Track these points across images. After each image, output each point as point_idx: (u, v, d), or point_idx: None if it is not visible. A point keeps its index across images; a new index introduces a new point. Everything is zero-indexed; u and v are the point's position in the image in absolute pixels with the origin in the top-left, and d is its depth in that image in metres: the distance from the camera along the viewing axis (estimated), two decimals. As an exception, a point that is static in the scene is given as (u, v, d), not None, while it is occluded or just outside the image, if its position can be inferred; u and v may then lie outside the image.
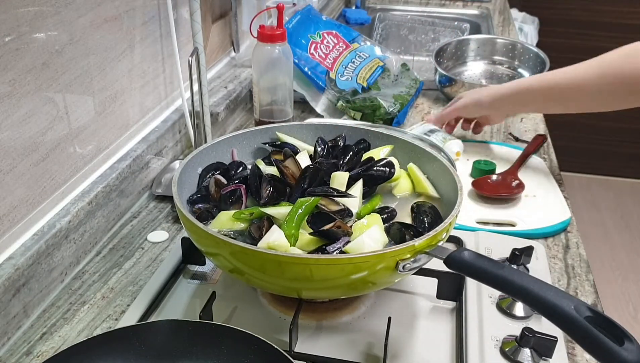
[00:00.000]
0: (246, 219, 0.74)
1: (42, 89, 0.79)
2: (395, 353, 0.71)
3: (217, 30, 1.36)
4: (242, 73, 1.40)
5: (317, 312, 0.76)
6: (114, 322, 0.77)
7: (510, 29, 1.99)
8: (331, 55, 1.34)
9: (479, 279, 0.62)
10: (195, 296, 0.80)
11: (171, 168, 1.09)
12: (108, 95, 0.95)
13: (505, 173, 1.09)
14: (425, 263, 0.67)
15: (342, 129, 0.92)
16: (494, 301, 0.78)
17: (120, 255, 0.90)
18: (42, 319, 0.78)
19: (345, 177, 0.80)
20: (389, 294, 0.80)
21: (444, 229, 0.68)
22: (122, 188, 0.96)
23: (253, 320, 0.76)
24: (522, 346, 0.69)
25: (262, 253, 0.64)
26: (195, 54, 1.02)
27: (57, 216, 0.83)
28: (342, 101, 1.27)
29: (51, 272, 0.80)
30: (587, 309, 0.55)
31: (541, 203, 1.03)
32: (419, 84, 1.37)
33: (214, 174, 0.83)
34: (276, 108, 1.17)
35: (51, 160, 0.83)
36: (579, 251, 0.92)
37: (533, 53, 1.51)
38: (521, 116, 1.36)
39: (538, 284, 0.57)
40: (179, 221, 0.97)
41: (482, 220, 0.98)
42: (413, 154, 0.87)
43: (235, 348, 0.63)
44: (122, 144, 1.00)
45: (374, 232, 0.71)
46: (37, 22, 0.77)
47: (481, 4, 2.11)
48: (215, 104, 1.23)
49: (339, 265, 0.63)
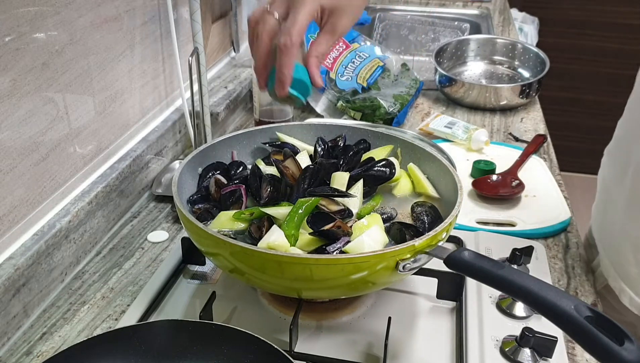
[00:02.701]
0: (246, 219, 0.74)
1: (42, 89, 0.79)
2: (395, 353, 0.71)
3: (217, 30, 1.36)
4: (242, 73, 1.40)
5: (317, 312, 0.76)
6: (114, 322, 0.77)
7: (510, 29, 1.99)
8: (331, 55, 1.34)
9: (479, 279, 0.62)
10: (195, 296, 0.80)
11: (171, 168, 1.09)
12: (108, 95, 0.95)
13: (505, 173, 1.09)
14: (425, 263, 0.67)
15: (342, 129, 0.92)
16: (494, 301, 0.77)
17: (120, 255, 0.90)
18: (42, 319, 0.78)
19: (345, 177, 0.80)
20: (389, 294, 0.80)
21: (444, 229, 0.68)
22: (122, 188, 0.96)
23: (253, 320, 0.76)
24: (522, 346, 0.69)
25: (262, 253, 0.64)
26: (195, 54, 1.01)
27: (57, 216, 0.83)
28: (342, 101, 1.27)
29: (51, 272, 0.80)
30: (587, 309, 0.55)
31: (541, 203, 1.03)
32: (419, 84, 1.37)
33: (214, 174, 0.83)
34: (276, 108, 1.17)
35: (51, 160, 0.83)
36: (579, 251, 0.92)
37: (533, 53, 1.51)
38: (521, 116, 1.36)
39: (538, 284, 0.57)
40: (179, 221, 0.97)
41: (482, 220, 0.98)
42: (413, 154, 0.87)
43: (235, 348, 0.63)
44: (122, 144, 1.00)
45: (374, 232, 0.70)
46: (37, 22, 0.77)
47: (481, 4, 2.11)
48: (215, 104, 1.23)
49: (339, 265, 0.63)
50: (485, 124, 1.33)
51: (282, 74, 0.69)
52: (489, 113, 1.38)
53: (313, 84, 0.73)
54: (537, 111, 1.40)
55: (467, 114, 1.37)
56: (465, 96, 1.38)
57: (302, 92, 0.72)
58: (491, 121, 1.34)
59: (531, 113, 1.38)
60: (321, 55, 0.73)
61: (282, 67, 0.69)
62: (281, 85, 0.70)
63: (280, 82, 0.70)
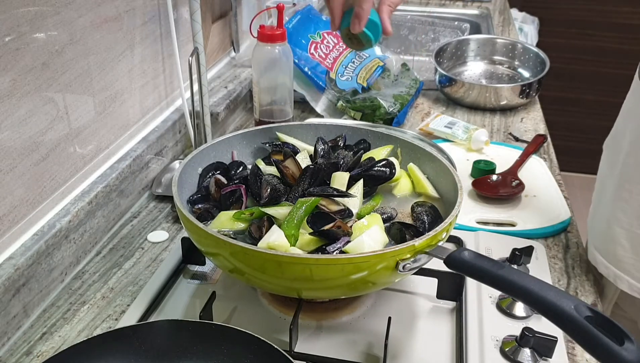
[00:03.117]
0: (246, 219, 0.74)
1: (42, 89, 0.79)
2: (395, 353, 0.71)
3: (217, 30, 1.36)
4: (242, 73, 1.40)
5: (317, 312, 0.76)
6: (114, 322, 0.77)
7: (510, 29, 1.99)
8: (331, 55, 1.34)
9: (479, 279, 0.62)
10: (195, 296, 0.80)
11: (171, 168, 1.09)
12: (108, 95, 0.95)
13: (505, 173, 1.09)
14: (425, 263, 0.67)
15: (342, 129, 0.92)
16: (494, 301, 0.78)
17: (120, 255, 0.90)
18: (42, 319, 0.78)
19: (345, 177, 0.80)
20: (389, 294, 0.80)
21: (444, 229, 0.68)
22: (122, 188, 0.96)
23: (253, 320, 0.76)
24: (522, 346, 0.69)
25: (262, 253, 0.64)
26: (195, 54, 1.01)
27: (57, 216, 0.83)
28: (342, 101, 1.27)
29: (51, 272, 0.80)
30: (587, 309, 0.55)
31: (541, 203, 1.03)
32: (419, 84, 1.37)
33: (214, 174, 0.83)
34: (276, 108, 1.17)
35: (51, 160, 0.83)
36: (579, 251, 0.92)
37: (533, 53, 1.51)
38: (521, 116, 1.36)
39: (538, 284, 0.57)
40: (179, 221, 0.97)
41: (482, 220, 0.98)
42: (413, 154, 0.87)
43: (235, 348, 0.63)
44: (122, 144, 1.00)
45: (374, 232, 0.71)
46: (37, 22, 0.77)
47: (481, 4, 2.11)
48: (215, 104, 1.23)
49: (339, 265, 0.63)
50: (485, 124, 1.33)
51: (362, 9, 0.73)
52: (489, 113, 1.38)
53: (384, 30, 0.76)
54: (537, 111, 1.40)
55: (467, 114, 1.37)
56: (465, 96, 1.38)
57: (375, 35, 0.76)
58: (491, 121, 1.34)
59: (531, 113, 1.38)
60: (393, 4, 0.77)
61: (362, 2, 0.72)
62: (359, 20, 0.73)
63: (359, 17, 0.73)
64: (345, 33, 0.79)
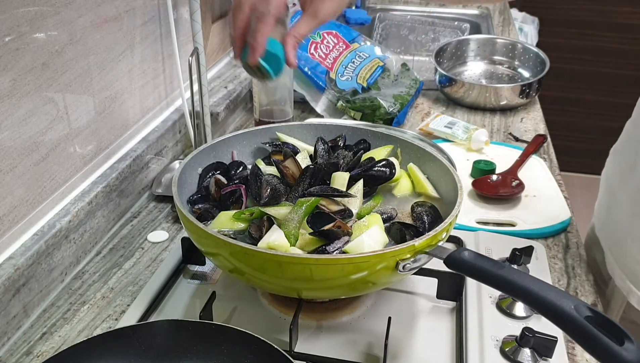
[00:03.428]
0: (246, 219, 0.74)
1: (42, 89, 0.79)
2: (395, 353, 0.71)
3: (217, 30, 1.36)
4: (242, 73, 1.40)
5: (317, 312, 0.76)
6: (114, 322, 0.77)
7: (510, 29, 1.99)
8: (331, 55, 1.34)
9: (479, 279, 0.62)
10: (195, 296, 0.80)
11: (171, 168, 1.09)
12: (108, 95, 0.95)
13: (505, 173, 1.09)
14: (425, 263, 0.67)
15: (342, 129, 0.92)
16: (494, 301, 0.77)
17: (120, 255, 0.90)
18: (42, 319, 0.78)
19: (345, 177, 0.80)
20: (389, 294, 0.80)
21: (444, 229, 0.68)
22: (122, 188, 0.96)
23: (253, 320, 0.76)
24: (522, 346, 0.69)
25: (262, 253, 0.64)
26: (195, 54, 1.01)
27: (57, 216, 0.83)
28: (342, 101, 1.27)
29: (51, 272, 0.80)
30: (587, 309, 0.55)
31: (541, 203, 1.03)
32: (419, 84, 1.37)
33: (214, 174, 0.83)
34: (276, 108, 1.17)
35: (51, 160, 0.83)
36: (579, 251, 0.92)
37: (533, 53, 1.51)
38: (521, 116, 1.36)
39: (538, 284, 0.57)
40: (179, 221, 0.97)
41: (482, 220, 0.98)
42: (413, 154, 0.87)
43: (235, 348, 0.63)
44: (122, 144, 1.00)
45: (374, 232, 0.71)
46: (37, 22, 0.77)
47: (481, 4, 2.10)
48: (215, 104, 1.23)
49: (339, 265, 0.63)
50: (485, 124, 1.33)
51: (255, 41, 0.70)
52: (489, 113, 1.38)
53: (287, 62, 0.73)
54: (537, 111, 1.40)
55: (467, 114, 1.37)
56: (465, 96, 1.38)
57: (274, 68, 0.73)
58: (491, 121, 1.34)
59: (531, 113, 1.38)
60: (300, 36, 0.74)
61: (255, 33, 0.70)
62: (252, 52, 0.71)
63: (252, 48, 0.71)
64: (245, 63, 0.75)
